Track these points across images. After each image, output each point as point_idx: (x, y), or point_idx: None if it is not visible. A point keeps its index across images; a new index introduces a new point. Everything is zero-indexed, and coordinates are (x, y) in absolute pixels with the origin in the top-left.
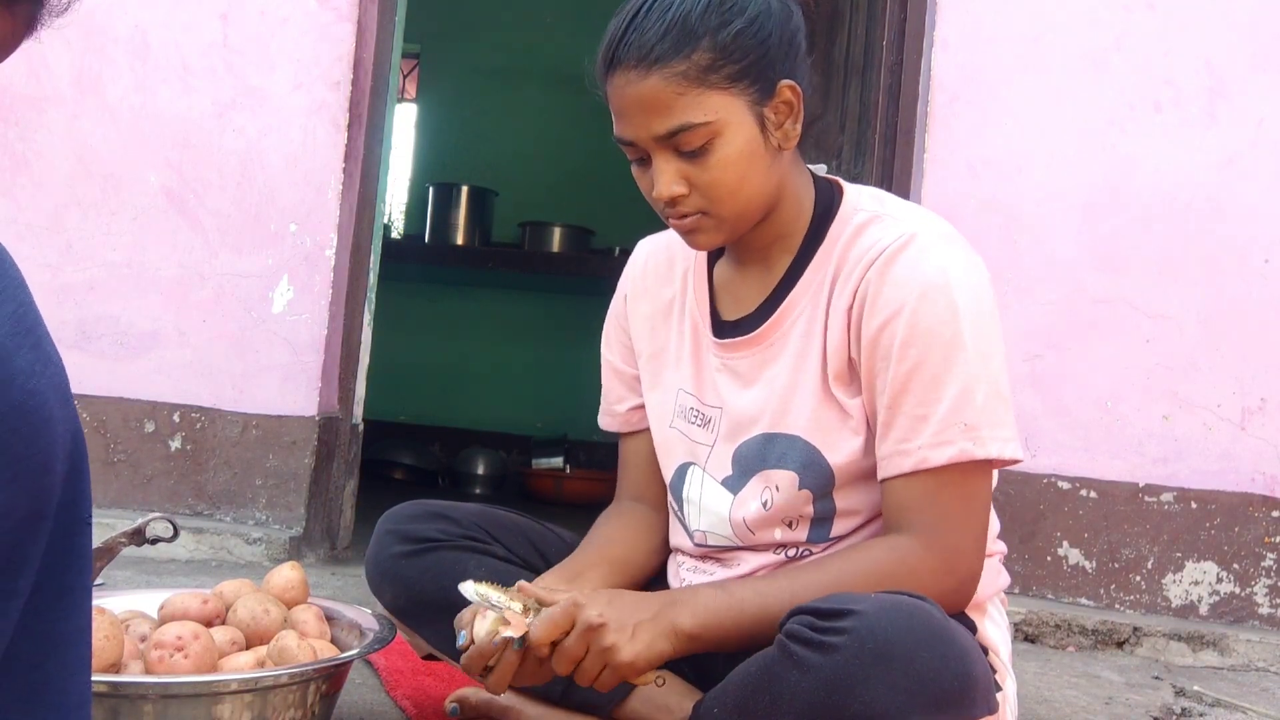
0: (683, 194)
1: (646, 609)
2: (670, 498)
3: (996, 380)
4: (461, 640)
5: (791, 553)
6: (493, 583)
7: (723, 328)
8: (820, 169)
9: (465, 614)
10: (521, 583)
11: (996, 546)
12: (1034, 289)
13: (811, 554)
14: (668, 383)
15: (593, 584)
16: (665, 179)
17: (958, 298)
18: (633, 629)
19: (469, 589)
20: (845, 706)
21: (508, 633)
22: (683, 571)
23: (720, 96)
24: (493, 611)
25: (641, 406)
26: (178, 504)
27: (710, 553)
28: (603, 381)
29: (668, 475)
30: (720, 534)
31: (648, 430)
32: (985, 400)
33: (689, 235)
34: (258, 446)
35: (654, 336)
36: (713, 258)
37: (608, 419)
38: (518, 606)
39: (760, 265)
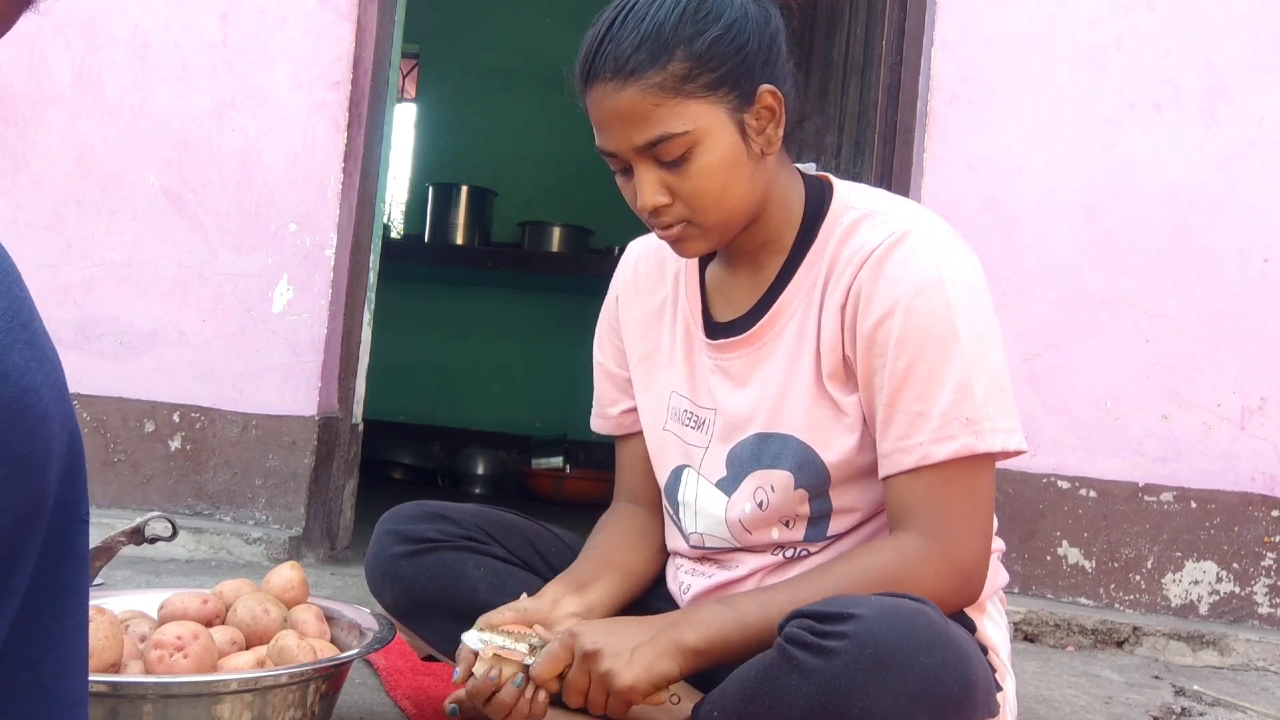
0: (666, 203)
1: (645, 632)
2: (665, 501)
3: (996, 373)
4: (456, 676)
5: (789, 553)
6: (495, 629)
7: (715, 329)
8: (810, 167)
9: (465, 657)
10: (544, 590)
11: (995, 544)
12: (1033, 288)
13: (809, 553)
14: (660, 385)
15: (600, 598)
16: (647, 189)
17: (951, 293)
18: (630, 653)
19: (472, 638)
20: (845, 711)
21: (508, 673)
22: (681, 574)
23: (698, 105)
24: (499, 652)
25: (634, 409)
26: (177, 504)
27: (708, 554)
28: (595, 384)
29: (662, 479)
30: (717, 536)
31: (642, 432)
32: (986, 393)
33: (675, 244)
34: (257, 446)
35: (645, 338)
36: (704, 259)
37: (600, 421)
38: (523, 648)
39: (751, 267)
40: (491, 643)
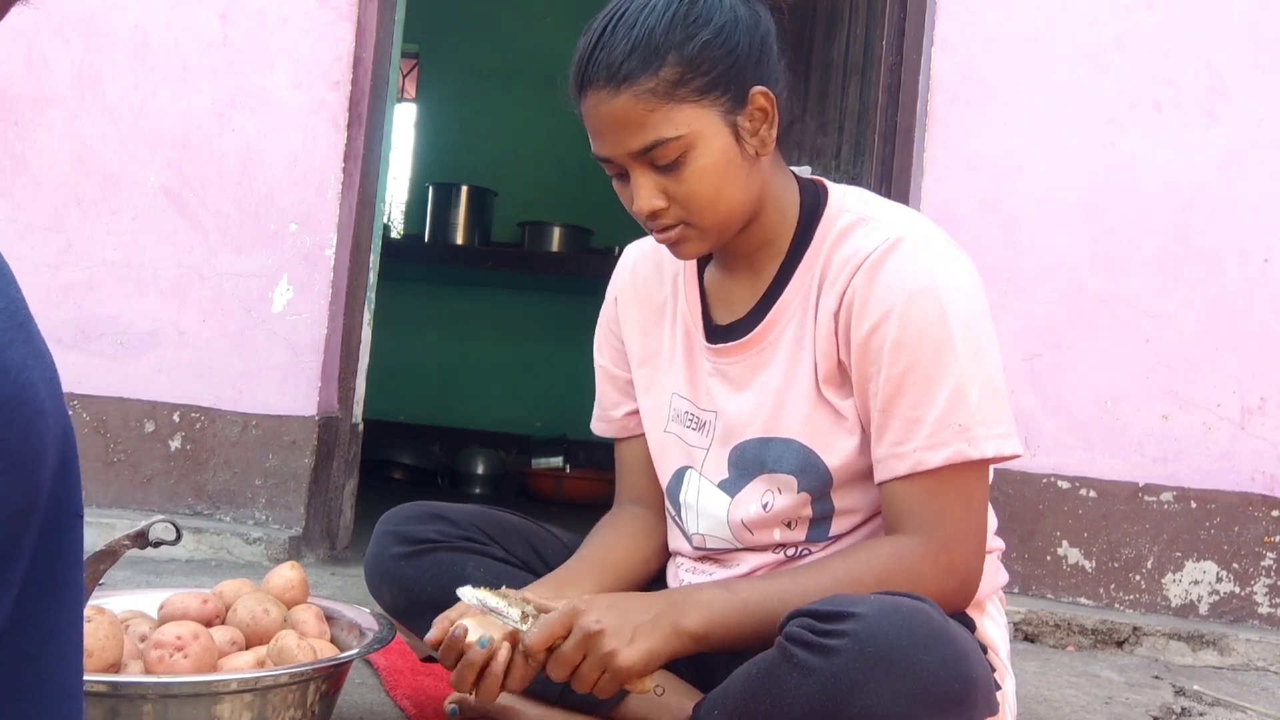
0: (662, 207)
1: (646, 612)
2: (667, 502)
3: (991, 378)
4: (429, 635)
5: (790, 552)
6: (492, 588)
7: (715, 332)
8: (804, 170)
9: (445, 616)
10: (525, 592)
11: (994, 543)
12: (1033, 288)
13: (810, 553)
14: (661, 386)
15: (582, 591)
16: (644, 194)
17: (946, 299)
18: (631, 633)
19: (467, 593)
20: (846, 710)
21: (473, 635)
22: (681, 573)
23: (691, 110)
24: (492, 616)
25: (636, 412)
26: (177, 504)
27: (709, 554)
28: (597, 387)
29: (664, 479)
30: (719, 536)
31: (644, 435)
32: (979, 399)
33: (673, 246)
34: (257, 446)
35: (645, 341)
36: (702, 261)
37: (602, 425)
38: (515, 613)
39: (749, 270)
40: (485, 601)
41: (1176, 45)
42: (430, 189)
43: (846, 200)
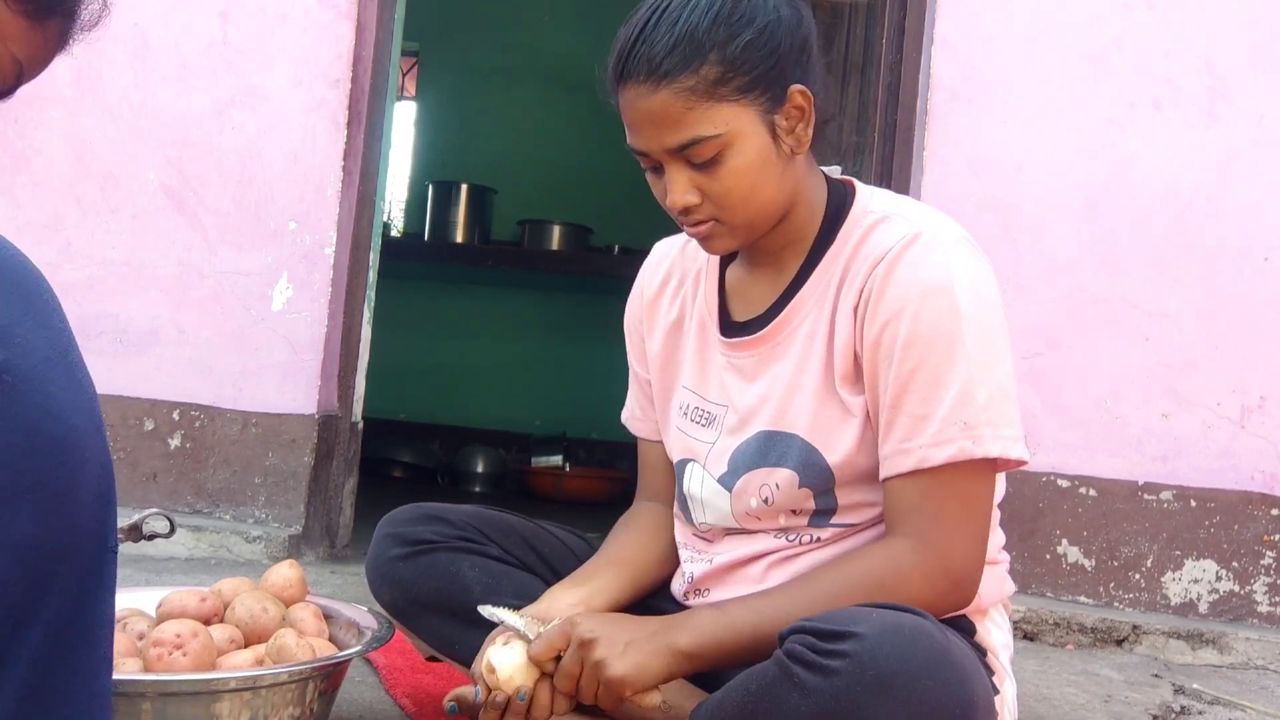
0: (695, 203)
1: (642, 629)
2: (676, 495)
3: (1001, 381)
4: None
5: (792, 537)
6: (511, 607)
7: (731, 328)
8: (835, 170)
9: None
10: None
11: (1000, 556)
12: (1033, 287)
13: (819, 539)
14: (674, 381)
15: (602, 586)
16: (678, 189)
17: (960, 298)
18: (624, 646)
19: (488, 610)
20: None
21: (503, 673)
22: (685, 565)
23: (730, 108)
24: (515, 640)
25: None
26: (177, 502)
27: (714, 541)
28: (629, 385)
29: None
30: (723, 528)
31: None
32: (987, 400)
33: (704, 242)
34: (257, 444)
35: (666, 335)
36: (725, 259)
37: (634, 422)
38: (530, 632)
39: (772, 268)
40: (502, 618)
41: (1176, 45)
42: (430, 187)
43: (873, 201)
